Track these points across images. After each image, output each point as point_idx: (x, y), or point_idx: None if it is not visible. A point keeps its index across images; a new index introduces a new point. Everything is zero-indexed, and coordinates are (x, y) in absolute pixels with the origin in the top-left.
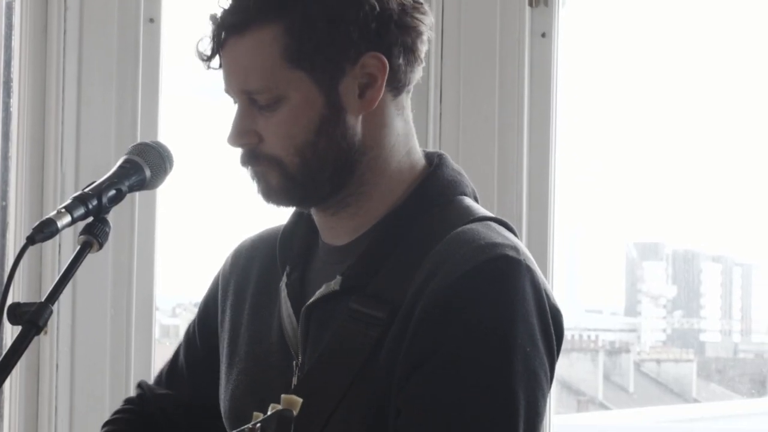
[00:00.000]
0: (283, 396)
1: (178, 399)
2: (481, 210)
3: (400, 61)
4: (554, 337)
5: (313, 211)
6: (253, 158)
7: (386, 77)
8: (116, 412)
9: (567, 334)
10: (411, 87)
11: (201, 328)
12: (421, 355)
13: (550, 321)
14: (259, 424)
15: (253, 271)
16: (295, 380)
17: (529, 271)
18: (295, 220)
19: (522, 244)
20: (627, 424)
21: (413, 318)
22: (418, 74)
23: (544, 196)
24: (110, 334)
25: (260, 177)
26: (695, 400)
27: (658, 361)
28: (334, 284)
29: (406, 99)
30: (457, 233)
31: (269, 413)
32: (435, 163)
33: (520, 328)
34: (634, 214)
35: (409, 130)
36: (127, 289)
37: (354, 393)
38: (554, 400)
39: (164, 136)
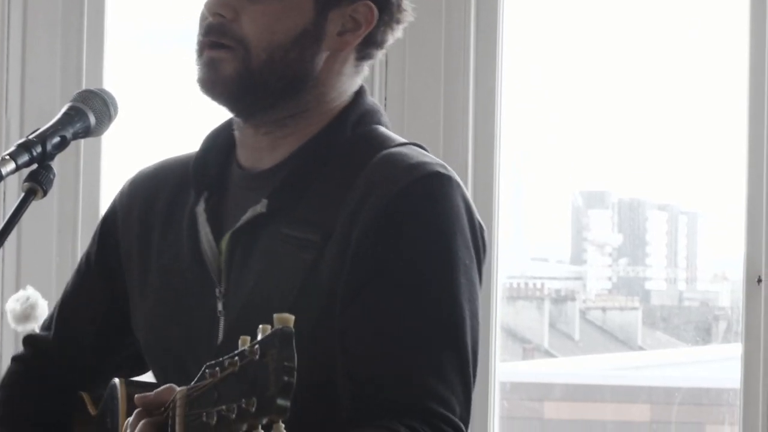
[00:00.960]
0: (275, 315)
1: (67, 343)
2: (399, 137)
3: (384, 21)
4: (482, 252)
5: (243, 130)
6: (220, 35)
7: (369, 30)
8: (5, 376)
9: (513, 282)
10: (376, 55)
11: (97, 265)
12: (366, 274)
13: (479, 234)
14: (257, 346)
15: (159, 199)
16: (220, 306)
17: (459, 186)
18: (208, 146)
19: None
20: (572, 371)
21: (353, 238)
22: (388, 40)
23: (490, 144)
24: (55, 282)
25: (212, 65)
26: (640, 348)
27: (604, 309)
28: (260, 207)
29: (365, 67)
30: (385, 155)
31: (266, 334)
32: (357, 93)
33: (459, 242)
34: (580, 163)
35: (352, 85)
36: (72, 237)
37: (296, 315)
38: (499, 347)
39: (109, 84)
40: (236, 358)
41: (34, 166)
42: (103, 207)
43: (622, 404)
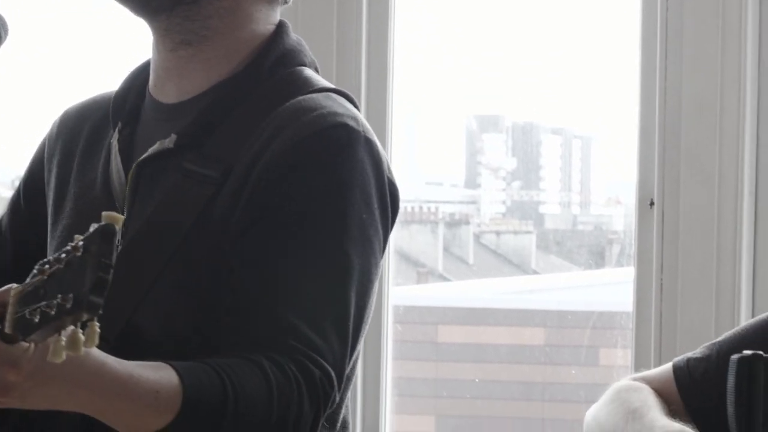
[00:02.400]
0: (104, 213)
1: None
2: (321, 81)
3: None
4: (390, 211)
5: (154, 49)
6: None
7: None
8: None
9: (407, 206)
10: None
11: (26, 193)
12: (257, 214)
13: (388, 194)
14: (81, 242)
15: (83, 131)
16: (119, 236)
17: (369, 142)
18: (129, 81)
19: (362, 116)
20: (466, 295)
21: (251, 178)
22: None
23: (383, 67)
24: None
25: None
26: (534, 272)
27: (498, 233)
28: (168, 142)
29: (278, 8)
30: (299, 101)
31: (90, 231)
32: (276, 30)
33: (356, 195)
34: (474, 87)
35: (268, 17)
36: None
37: (186, 248)
38: (393, 271)
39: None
40: (63, 254)
41: None
42: None
43: (516, 328)
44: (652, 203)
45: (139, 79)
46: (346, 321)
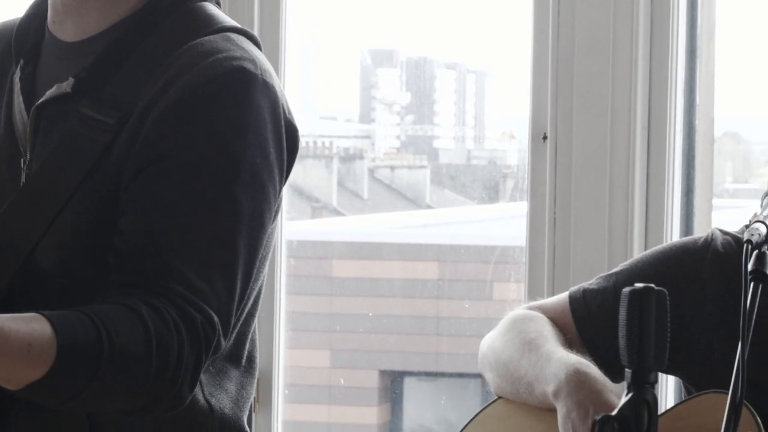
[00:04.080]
0: None
1: None
2: (223, 19)
3: None
4: (287, 153)
5: None
6: None
7: None
8: None
9: (302, 140)
10: None
11: None
12: (149, 157)
13: (284, 136)
14: None
15: None
16: (23, 178)
17: (266, 86)
18: (32, 12)
19: (262, 57)
20: (360, 229)
21: (146, 124)
22: None
23: (276, 2)
24: None
25: None
26: (428, 206)
27: (392, 168)
28: (66, 86)
29: None
30: (196, 44)
31: None
32: None
33: (251, 140)
34: (368, 21)
35: None
36: None
37: (82, 193)
38: (288, 206)
39: None
40: None
41: None
42: None
43: (410, 262)
44: (545, 137)
45: (40, 10)
46: (234, 266)
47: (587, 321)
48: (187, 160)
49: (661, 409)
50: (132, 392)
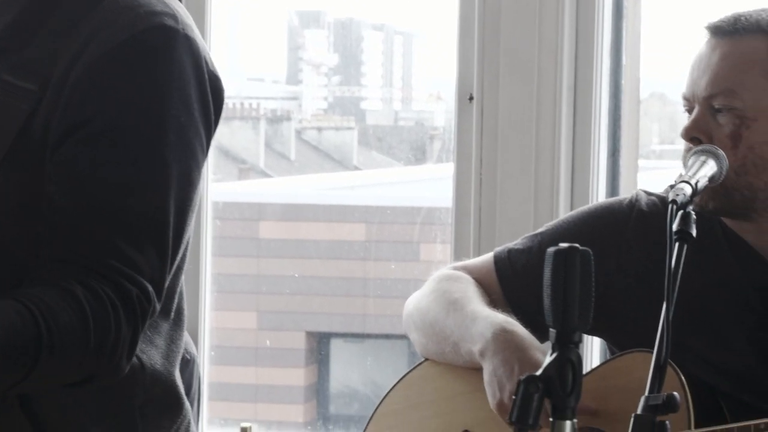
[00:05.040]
0: None
1: None
2: None
3: None
4: (212, 107)
5: None
6: None
7: None
8: None
9: (228, 102)
10: None
11: None
12: (72, 123)
13: (209, 90)
14: None
15: None
16: None
17: (188, 39)
18: None
19: (183, 10)
20: (288, 191)
21: (67, 87)
22: None
23: None
24: None
25: None
26: (356, 168)
27: (319, 129)
28: None
29: None
30: (114, 0)
31: None
32: None
33: (174, 98)
34: None
35: None
36: None
37: (9, 163)
38: (214, 167)
39: None
40: None
41: None
42: None
43: (337, 223)
44: (471, 98)
45: None
46: (166, 230)
47: (512, 281)
48: (111, 124)
49: (586, 369)
50: (70, 372)
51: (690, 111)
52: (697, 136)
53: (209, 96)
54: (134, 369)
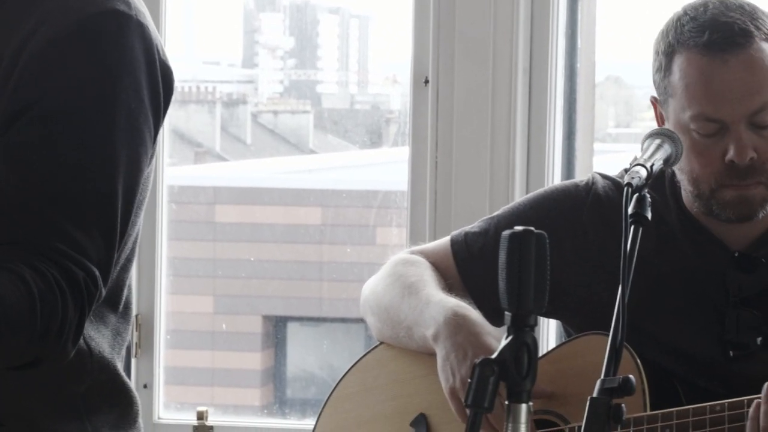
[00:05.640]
0: None
1: None
2: None
3: None
4: (162, 95)
5: None
6: None
7: None
8: None
9: (184, 86)
10: None
11: None
12: (22, 105)
13: (159, 78)
14: None
15: None
16: None
17: (140, 26)
18: None
19: None
20: (244, 174)
21: (18, 68)
22: None
23: None
24: None
25: None
26: (312, 151)
27: (275, 113)
28: None
29: None
30: None
31: None
32: None
33: (125, 83)
34: None
35: None
36: None
37: None
38: (170, 151)
39: None
40: None
41: None
42: None
43: (293, 207)
44: (426, 81)
45: None
46: (113, 215)
47: (468, 264)
48: (61, 107)
49: (542, 352)
50: (17, 355)
51: (712, 134)
52: (753, 156)
53: (160, 84)
54: (82, 354)
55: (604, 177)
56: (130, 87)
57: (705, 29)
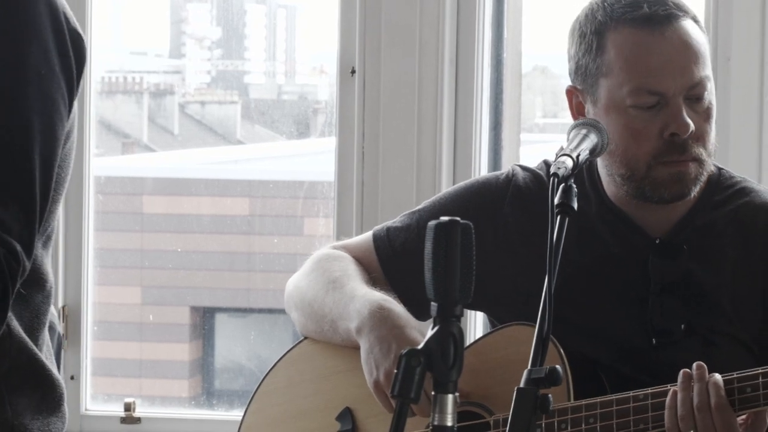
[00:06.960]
0: None
1: None
2: None
3: None
4: (74, 62)
5: None
6: None
7: None
8: None
9: (111, 76)
10: None
11: None
12: None
13: (69, 44)
14: None
15: None
16: None
17: None
18: None
19: None
20: (171, 165)
21: None
22: None
23: None
24: None
25: None
26: (239, 142)
27: (203, 103)
28: None
29: None
30: None
31: None
32: None
33: (33, 51)
34: None
35: None
36: None
37: None
38: (97, 141)
39: None
40: None
41: None
42: None
43: (220, 198)
44: (353, 72)
45: None
46: (32, 186)
47: (391, 259)
48: None
49: (468, 343)
50: None
51: (650, 107)
52: (693, 129)
53: (70, 50)
54: (2, 336)
55: (524, 169)
56: (39, 55)
57: (641, 3)
